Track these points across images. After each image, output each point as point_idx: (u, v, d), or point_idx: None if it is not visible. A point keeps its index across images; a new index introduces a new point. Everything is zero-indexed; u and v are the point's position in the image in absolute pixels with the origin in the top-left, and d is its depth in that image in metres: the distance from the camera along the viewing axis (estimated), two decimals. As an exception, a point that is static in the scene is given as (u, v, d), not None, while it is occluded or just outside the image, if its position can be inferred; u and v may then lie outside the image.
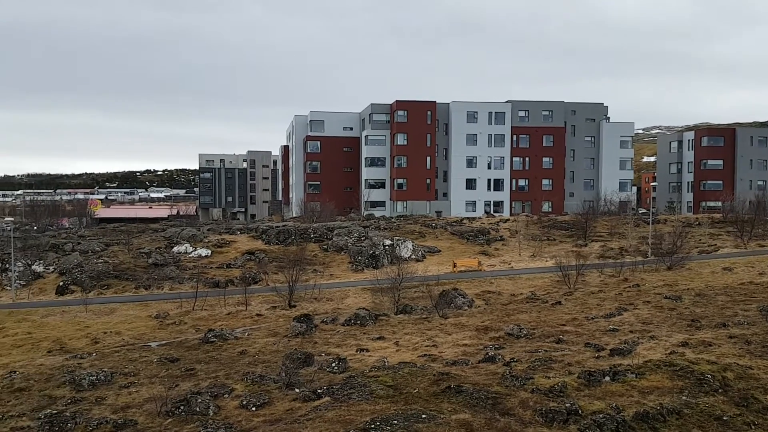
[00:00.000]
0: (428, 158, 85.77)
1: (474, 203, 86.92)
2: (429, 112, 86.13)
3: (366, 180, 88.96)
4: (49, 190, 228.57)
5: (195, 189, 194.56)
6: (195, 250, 49.73)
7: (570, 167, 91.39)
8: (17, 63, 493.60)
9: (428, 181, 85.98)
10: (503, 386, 18.09)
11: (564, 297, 34.91)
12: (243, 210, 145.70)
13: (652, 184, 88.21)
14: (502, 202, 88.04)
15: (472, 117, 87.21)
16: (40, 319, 33.71)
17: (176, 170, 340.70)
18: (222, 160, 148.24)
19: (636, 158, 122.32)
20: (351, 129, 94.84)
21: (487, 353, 23.13)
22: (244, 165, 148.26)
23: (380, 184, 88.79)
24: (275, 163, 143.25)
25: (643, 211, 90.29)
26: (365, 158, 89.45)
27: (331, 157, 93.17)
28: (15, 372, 23.15)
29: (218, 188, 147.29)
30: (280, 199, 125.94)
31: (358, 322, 30.31)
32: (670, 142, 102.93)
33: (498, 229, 60.19)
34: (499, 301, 35.55)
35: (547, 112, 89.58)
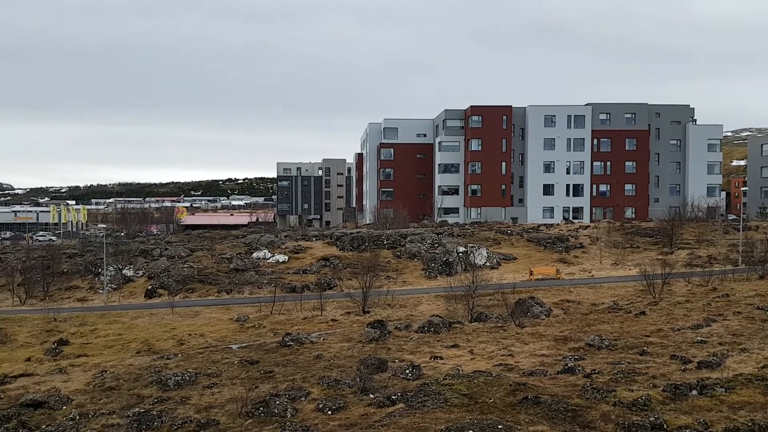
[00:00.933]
0: (504, 164, 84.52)
1: (552, 209, 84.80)
2: (504, 117, 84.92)
3: (439, 186, 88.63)
4: (139, 198, 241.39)
5: (273, 197, 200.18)
6: (273, 256, 51.06)
7: (654, 172, 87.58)
8: (114, 79, 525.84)
9: (504, 187, 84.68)
10: (583, 398, 17.51)
11: (648, 307, 33.43)
12: (318, 217, 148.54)
13: (742, 189, 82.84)
14: (582, 208, 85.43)
15: (549, 121, 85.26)
16: (129, 321, 35.50)
17: (256, 178, 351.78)
18: (299, 169, 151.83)
19: (725, 162, 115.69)
20: (424, 135, 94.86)
21: (566, 364, 22.46)
22: (320, 173, 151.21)
23: (454, 191, 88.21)
24: (349, 170, 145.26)
25: (733, 217, 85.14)
26: (438, 164, 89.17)
27: (405, 163, 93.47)
28: (106, 371, 24.47)
29: (295, 196, 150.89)
30: (354, 206, 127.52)
31: (432, 329, 30.16)
32: (762, 145, 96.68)
33: (577, 236, 58.43)
34: (578, 311, 34.46)
35: (629, 115, 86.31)
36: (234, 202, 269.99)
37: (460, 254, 49.12)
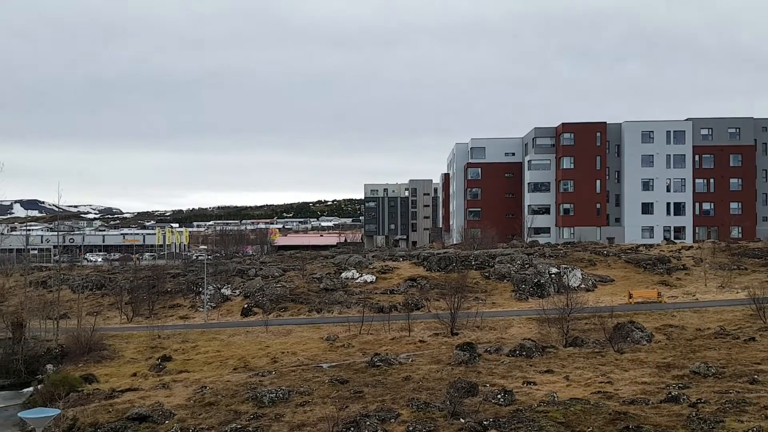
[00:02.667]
0: (598, 182, 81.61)
1: (651, 229, 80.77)
2: (598, 134, 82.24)
3: (529, 206, 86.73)
4: (236, 221, 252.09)
5: (360, 217, 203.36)
6: (361, 276, 51.62)
7: (762, 189, 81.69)
8: (211, 108, 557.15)
9: (598, 205, 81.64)
10: (689, 429, 16.39)
11: (759, 333, 30.96)
12: (405, 237, 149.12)
13: None
14: (684, 227, 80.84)
15: (647, 137, 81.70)
16: (227, 339, 36.86)
17: (344, 200, 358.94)
18: (385, 190, 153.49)
19: None
20: (513, 154, 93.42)
21: (669, 392, 21.14)
22: (406, 193, 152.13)
23: (544, 210, 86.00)
24: (436, 191, 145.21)
25: None
26: (528, 183, 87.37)
27: (492, 183, 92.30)
28: (206, 387, 25.45)
29: (382, 216, 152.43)
30: (441, 226, 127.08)
31: (524, 353, 29.29)
32: None
33: (680, 257, 55.22)
34: (682, 336, 32.42)
35: (733, 130, 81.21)
36: (323, 224, 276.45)
37: (553, 276, 47.63)
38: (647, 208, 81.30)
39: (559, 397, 21.35)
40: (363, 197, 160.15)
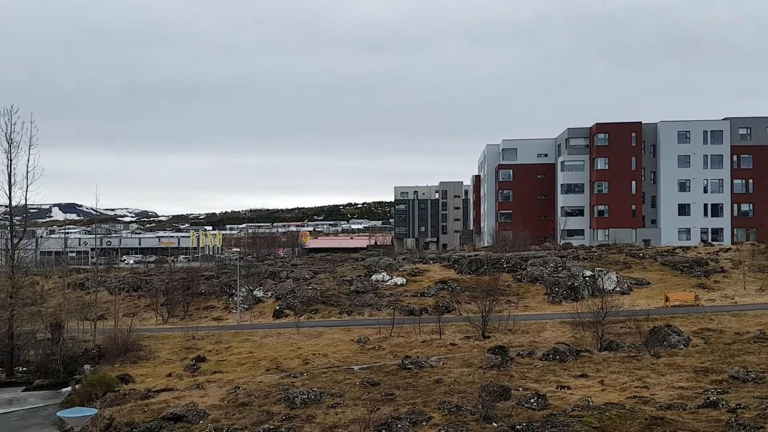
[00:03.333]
0: (633, 183, 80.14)
1: (688, 231, 78.95)
2: (633, 134, 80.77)
3: (562, 207, 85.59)
4: (267, 223, 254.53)
5: (390, 220, 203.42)
6: (391, 279, 51.60)
7: (805, 189, 79.17)
8: (243, 112, 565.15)
9: (633, 207, 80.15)
10: (731, 438, 15.91)
11: (805, 339, 29.96)
12: (435, 240, 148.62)
13: None
14: (722, 229, 78.80)
15: (683, 137, 79.95)
16: (259, 340, 37.22)
17: (374, 203, 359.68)
18: (415, 192, 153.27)
19: None
20: (545, 155, 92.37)
21: (707, 397, 20.63)
22: (436, 196, 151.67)
23: (578, 212, 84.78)
24: (466, 193, 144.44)
25: None
26: (561, 185, 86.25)
27: (524, 185, 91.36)
28: (239, 388, 25.72)
29: (412, 219, 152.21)
30: (472, 228, 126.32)
31: (558, 357, 28.89)
32: None
33: (717, 259, 53.85)
34: (721, 340, 31.60)
35: (773, 128, 78.99)
36: (353, 226, 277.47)
37: (587, 278, 46.90)
38: (684, 210, 79.52)
39: (593, 402, 21.01)
40: (393, 200, 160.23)
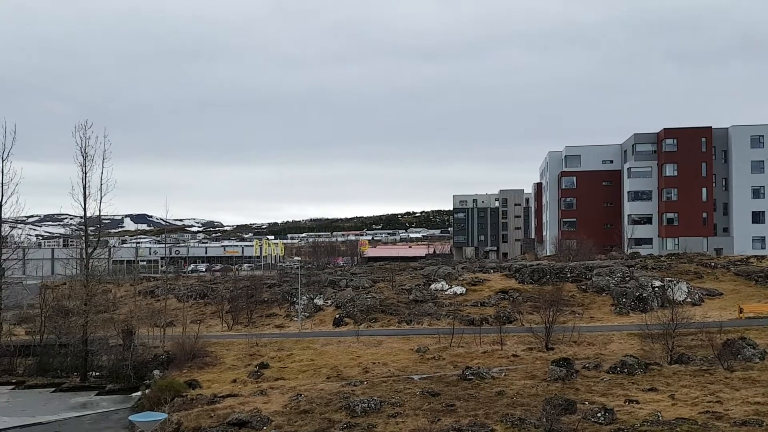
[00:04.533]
0: (704, 190, 76.89)
1: (762, 239, 75.03)
2: (703, 139, 77.59)
3: (629, 215, 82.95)
4: (327, 233, 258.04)
5: (449, 229, 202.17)
6: (450, 288, 51.21)
7: None
8: (305, 123, 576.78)
9: (704, 215, 76.83)
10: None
11: None
12: (495, 248, 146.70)
13: None
14: (799, 237, 74.55)
15: (756, 142, 76.24)
16: (320, 348, 37.61)
17: (432, 211, 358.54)
18: (475, 200, 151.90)
19: None
20: (610, 162, 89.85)
21: (791, 417, 19.39)
22: (496, 204, 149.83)
23: (646, 220, 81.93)
24: (527, 201, 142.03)
25: None
26: (628, 192, 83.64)
27: (589, 192, 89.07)
28: (301, 395, 26.04)
29: (471, 227, 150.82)
30: (533, 237, 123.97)
31: (625, 370, 27.89)
32: None
33: (797, 269, 50.86)
34: (803, 356, 29.70)
35: None
36: (412, 235, 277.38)
37: (656, 289, 45.18)
38: (758, 217, 75.66)
39: (663, 417, 20.15)
40: (452, 208, 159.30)
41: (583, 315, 42.97)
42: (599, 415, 20.58)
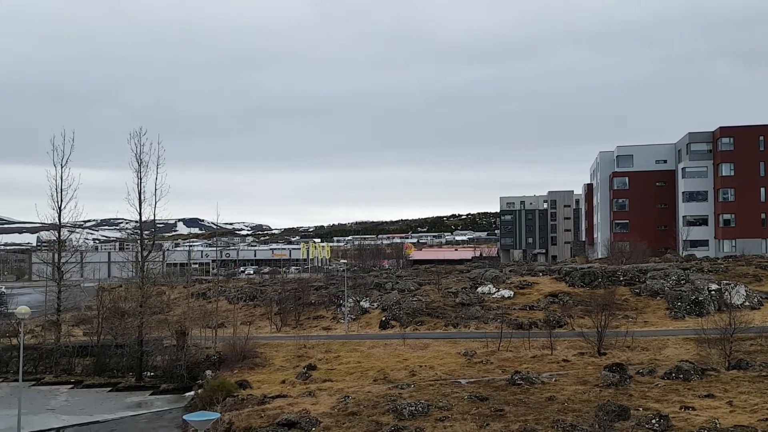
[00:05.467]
0: (762, 190, 73.95)
1: (826, 240, 71.61)
2: (761, 138, 74.68)
3: (684, 217, 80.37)
4: (372, 235, 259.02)
5: (496, 231, 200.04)
6: (498, 291, 50.62)
7: None
8: (348, 128, 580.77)
9: (763, 215, 73.83)
10: None
11: None
12: (544, 251, 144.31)
13: None
14: None
15: (817, 139, 72.93)
16: (367, 350, 37.73)
17: (478, 214, 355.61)
18: (522, 202, 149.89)
19: None
20: (664, 162, 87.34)
21: None
22: (545, 206, 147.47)
23: (701, 221, 79.24)
24: (577, 202, 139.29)
25: None
26: (682, 193, 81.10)
27: (641, 193, 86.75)
28: (348, 397, 26.17)
29: (518, 230, 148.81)
30: (584, 239, 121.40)
31: (681, 375, 26.98)
32: None
33: None
34: None
35: None
36: (458, 238, 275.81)
37: (713, 292, 43.60)
38: (821, 218, 72.29)
39: (721, 424, 19.43)
40: (498, 210, 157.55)
41: (637, 319, 41.82)
42: (654, 421, 19.98)
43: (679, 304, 43.32)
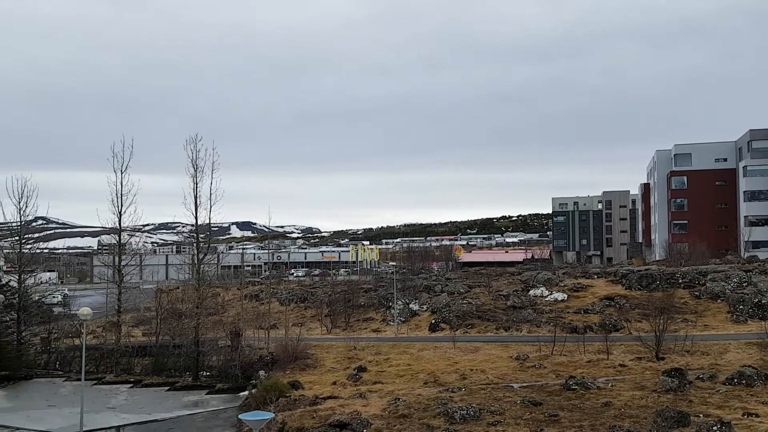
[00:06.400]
0: (830, 187, 70.27)
1: None
2: (828, 132, 70.95)
3: (746, 217, 77.15)
4: (421, 238, 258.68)
5: (548, 233, 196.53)
6: (551, 294, 49.70)
7: None
8: (395, 131, 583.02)
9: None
10: None
11: None
12: (598, 253, 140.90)
13: None
14: None
15: None
16: (416, 353, 37.65)
17: (529, 215, 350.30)
18: (575, 203, 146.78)
19: None
20: (724, 160, 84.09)
21: None
22: (599, 206, 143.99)
23: (764, 221, 75.88)
24: (633, 203, 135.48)
25: None
26: (744, 192, 77.87)
27: (700, 192, 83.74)
28: (399, 399, 26.16)
29: (572, 231, 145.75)
30: (640, 240, 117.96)
31: (743, 381, 25.90)
32: None
33: None
34: None
35: None
36: (508, 239, 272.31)
37: (778, 295, 41.65)
38: None
39: (792, 436, 18.51)
40: (551, 211, 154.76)
41: (696, 323, 40.35)
42: (715, 428, 19.24)
43: (741, 307, 41.59)
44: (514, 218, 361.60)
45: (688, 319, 40.87)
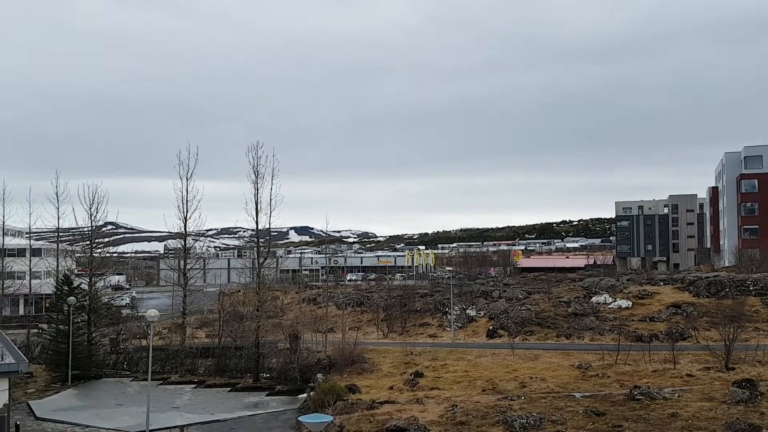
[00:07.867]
0: None
1: None
2: None
3: (823, 221, 72.85)
4: (478, 243, 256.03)
5: (611, 238, 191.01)
6: (614, 301, 48.29)
7: None
8: (457, 134, 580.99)
9: None
10: None
11: None
12: (665, 259, 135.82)
13: None
14: None
15: None
16: (474, 359, 37.27)
17: (591, 219, 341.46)
18: (640, 207, 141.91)
19: None
20: (798, 162, 79.77)
21: None
22: (665, 210, 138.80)
23: None
24: (701, 206, 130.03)
25: None
26: (821, 195, 73.58)
27: (773, 196, 79.63)
28: (456, 406, 25.94)
29: (636, 236, 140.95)
30: (709, 246, 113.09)
31: (825, 396, 24.40)
32: None
33: None
34: None
35: None
36: (568, 245, 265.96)
37: None
38: None
39: None
40: (614, 216, 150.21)
41: (771, 333, 38.35)
42: (795, 447, 18.20)
43: (822, 317, 39.25)
44: (574, 223, 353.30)
45: (760, 328, 38.97)
